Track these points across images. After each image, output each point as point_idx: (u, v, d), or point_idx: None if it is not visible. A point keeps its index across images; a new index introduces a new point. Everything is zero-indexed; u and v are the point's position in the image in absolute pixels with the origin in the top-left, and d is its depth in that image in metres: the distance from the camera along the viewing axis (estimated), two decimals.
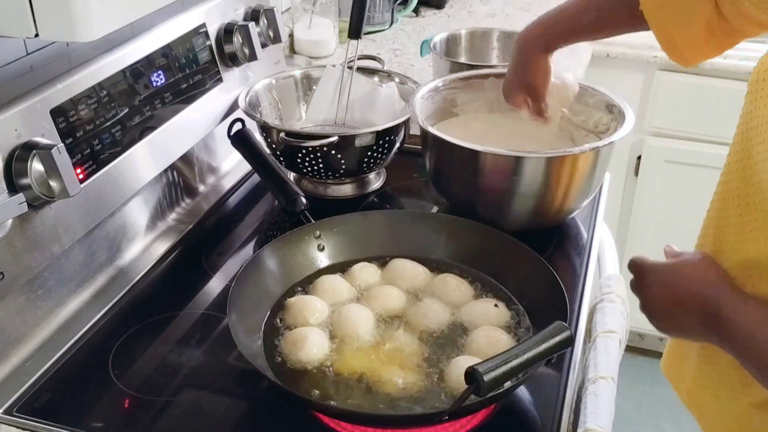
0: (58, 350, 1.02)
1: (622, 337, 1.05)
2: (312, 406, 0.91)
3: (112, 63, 1.11)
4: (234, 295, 0.97)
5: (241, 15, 1.40)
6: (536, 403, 0.96)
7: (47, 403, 0.94)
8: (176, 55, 1.23)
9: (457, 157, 1.21)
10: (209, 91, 1.32)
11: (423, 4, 2.25)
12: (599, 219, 1.30)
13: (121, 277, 1.15)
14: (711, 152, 2.02)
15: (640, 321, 0.98)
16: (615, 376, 0.97)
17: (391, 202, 1.40)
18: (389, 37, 2.06)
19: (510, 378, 0.81)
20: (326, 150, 1.26)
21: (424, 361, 0.95)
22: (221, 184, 1.42)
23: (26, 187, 0.93)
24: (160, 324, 1.08)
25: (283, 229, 1.27)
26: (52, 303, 1.05)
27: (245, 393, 0.97)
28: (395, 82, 1.45)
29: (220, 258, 1.23)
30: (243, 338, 0.94)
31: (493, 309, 1.02)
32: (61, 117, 1.01)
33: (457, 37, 1.73)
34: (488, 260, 1.10)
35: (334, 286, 1.07)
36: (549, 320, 0.86)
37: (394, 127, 1.30)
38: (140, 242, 1.22)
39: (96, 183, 1.06)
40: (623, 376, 1.04)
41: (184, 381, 0.98)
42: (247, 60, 1.38)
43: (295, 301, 1.04)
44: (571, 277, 1.16)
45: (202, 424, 0.92)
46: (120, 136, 1.11)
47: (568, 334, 0.84)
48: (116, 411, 0.95)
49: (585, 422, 0.89)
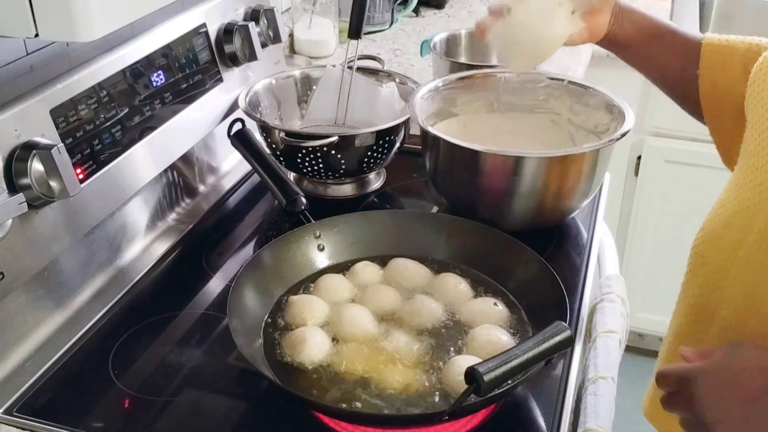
0: (58, 350, 1.02)
1: (622, 337, 1.05)
2: (312, 406, 0.91)
3: (112, 63, 1.11)
4: (234, 295, 0.97)
5: (241, 15, 1.40)
6: (536, 403, 0.95)
7: (47, 403, 0.94)
8: (176, 55, 1.23)
9: (457, 157, 1.21)
10: (209, 91, 1.32)
11: (423, 4, 2.25)
12: (599, 219, 1.30)
13: (121, 277, 1.15)
14: (711, 152, 2.01)
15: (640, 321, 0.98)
16: (615, 376, 0.97)
17: (391, 202, 1.40)
18: (389, 37, 2.06)
19: (510, 378, 0.81)
20: (326, 150, 1.26)
21: (424, 360, 0.95)
22: (221, 184, 1.42)
23: (26, 187, 0.93)
24: (160, 324, 1.08)
25: (283, 229, 1.27)
26: (52, 303, 1.05)
27: (245, 393, 0.97)
28: (395, 82, 1.45)
29: (220, 258, 1.23)
30: (243, 338, 0.94)
31: (493, 308, 1.02)
32: (61, 117, 1.01)
33: (457, 37, 1.73)
34: (488, 260, 1.10)
35: (336, 286, 1.07)
36: (549, 320, 0.86)
37: (394, 127, 1.30)
38: (140, 242, 1.22)
39: (96, 183, 1.06)
40: (623, 376, 1.04)
41: (184, 381, 0.98)
42: (247, 60, 1.38)
43: (294, 300, 1.04)
44: (571, 277, 1.16)
45: (202, 424, 0.92)
46: (120, 136, 1.11)
47: (568, 334, 0.84)
48: (116, 411, 0.95)
49: (585, 422, 0.89)
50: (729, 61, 1.05)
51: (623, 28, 1.14)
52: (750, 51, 1.03)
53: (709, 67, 1.07)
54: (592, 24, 1.14)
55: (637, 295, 2.23)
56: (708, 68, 1.07)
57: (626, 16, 1.14)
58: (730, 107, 1.03)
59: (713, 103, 1.08)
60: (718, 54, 1.07)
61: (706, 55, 1.08)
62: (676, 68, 1.13)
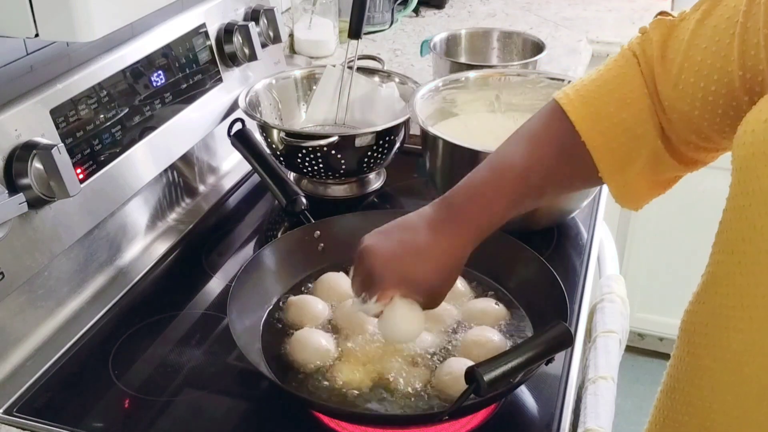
0: (58, 350, 1.02)
1: (622, 337, 1.05)
2: (312, 406, 0.91)
3: (112, 63, 1.11)
4: (234, 295, 0.97)
5: (241, 15, 1.40)
6: (536, 403, 0.95)
7: (47, 403, 0.94)
8: (176, 55, 1.23)
9: (457, 157, 1.21)
10: (209, 91, 1.32)
11: (423, 4, 2.25)
12: (599, 219, 1.30)
13: (121, 277, 1.15)
14: None
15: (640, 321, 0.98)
16: (615, 376, 0.97)
17: (391, 202, 1.40)
18: (389, 37, 2.05)
19: (510, 378, 0.81)
20: (326, 150, 1.26)
21: (426, 360, 0.95)
22: (221, 184, 1.42)
23: (26, 187, 0.93)
24: (160, 324, 1.08)
25: (283, 229, 1.27)
26: (52, 303, 1.05)
27: (245, 393, 0.97)
28: (395, 82, 1.45)
29: (220, 258, 1.23)
30: (243, 338, 0.94)
31: (493, 308, 1.02)
32: (61, 117, 1.01)
33: (457, 37, 1.73)
34: (488, 260, 1.09)
35: (337, 284, 1.06)
36: (549, 320, 0.86)
37: (394, 127, 1.30)
38: (140, 242, 1.22)
39: (96, 183, 1.06)
40: (623, 376, 1.04)
41: (184, 381, 0.98)
42: (247, 60, 1.38)
43: (295, 300, 1.03)
44: (571, 277, 1.16)
45: (202, 424, 0.92)
46: (120, 136, 1.11)
47: (568, 334, 0.84)
48: (116, 411, 0.95)
49: (585, 422, 0.89)
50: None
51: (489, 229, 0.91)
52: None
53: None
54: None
55: (637, 295, 2.23)
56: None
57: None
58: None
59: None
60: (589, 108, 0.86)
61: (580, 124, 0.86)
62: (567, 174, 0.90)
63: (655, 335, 2.38)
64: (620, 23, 2.19)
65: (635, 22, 2.20)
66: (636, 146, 0.85)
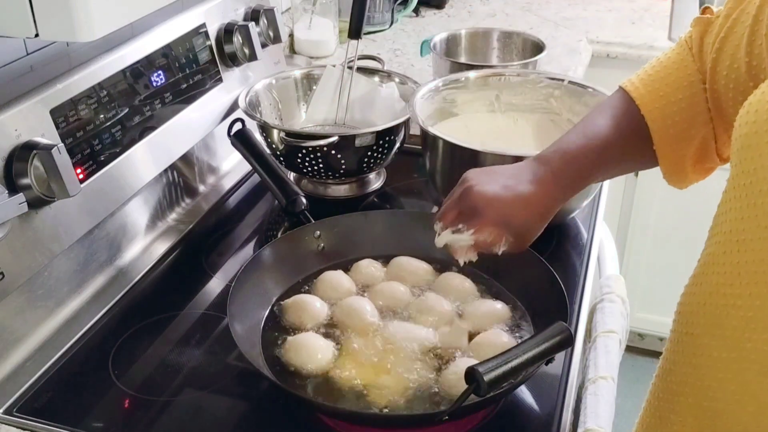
0: (58, 350, 1.02)
1: (622, 337, 1.05)
2: (312, 407, 0.91)
3: (112, 63, 1.11)
4: (234, 295, 0.97)
5: (241, 15, 1.40)
6: (536, 403, 0.95)
7: (47, 403, 0.94)
8: (176, 55, 1.23)
9: (457, 157, 1.21)
10: (209, 91, 1.32)
11: (423, 4, 2.25)
12: (599, 219, 1.30)
13: (121, 277, 1.15)
14: None
15: (640, 321, 0.98)
16: (615, 376, 0.97)
17: (391, 202, 1.40)
18: (389, 37, 2.06)
19: (510, 378, 0.81)
20: (326, 150, 1.26)
21: (426, 360, 0.95)
22: (221, 184, 1.42)
23: (26, 187, 0.93)
24: (160, 324, 1.08)
25: (283, 229, 1.27)
26: (52, 303, 1.05)
27: (245, 393, 0.97)
28: (395, 82, 1.45)
29: (220, 258, 1.23)
30: (243, 338, 0.94)
31: (494, 308, 1.02)
32: (61, 117, 1.01)
33: (457, 37, 1.73)
34: (488, 260, 1.09)
35: (337, 282, 1.06)
36: (549, 320, 0.86)
37: (394, 127, 1.30)
38: (140, 242, 1.22)
39: (96, 183, 1.06)
40: (623, 376, 1.04)
41: (184, 381, 0.98)
42: (247, 60, 1.38)
43: (294, 300, 1.03)
44: (571, 277, 1.16)
45: (202, 424, 0.92)
46: (120, 136, 1.11)
47: (568, 334, 0.84)
48: (116, 411, 0.95)
49: (585, 422, 0.89)
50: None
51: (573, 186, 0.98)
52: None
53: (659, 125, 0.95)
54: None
55: (637, 295, 2.23)
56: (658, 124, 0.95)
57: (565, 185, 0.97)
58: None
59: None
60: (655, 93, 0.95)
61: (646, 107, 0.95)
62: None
63: (655, 335, 2.38)
64: (620, 23, 2.19)
65: (635, 22, 2.20)
66: (689, 127, 0.93)
